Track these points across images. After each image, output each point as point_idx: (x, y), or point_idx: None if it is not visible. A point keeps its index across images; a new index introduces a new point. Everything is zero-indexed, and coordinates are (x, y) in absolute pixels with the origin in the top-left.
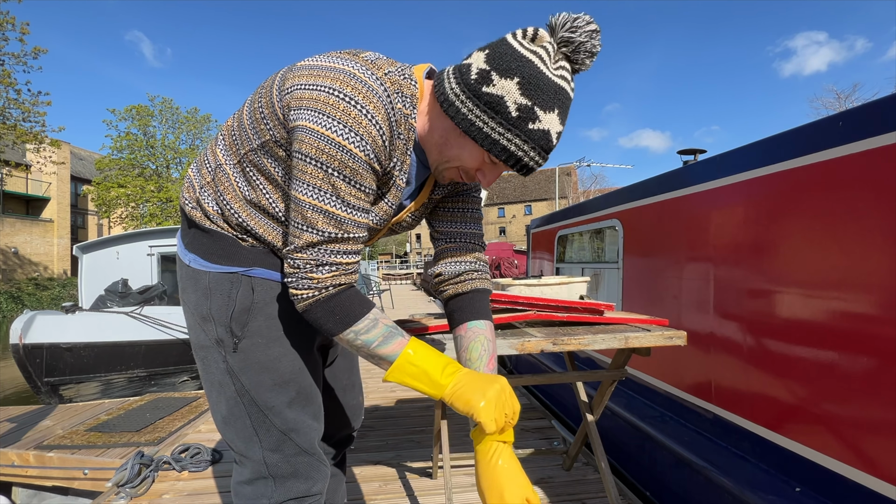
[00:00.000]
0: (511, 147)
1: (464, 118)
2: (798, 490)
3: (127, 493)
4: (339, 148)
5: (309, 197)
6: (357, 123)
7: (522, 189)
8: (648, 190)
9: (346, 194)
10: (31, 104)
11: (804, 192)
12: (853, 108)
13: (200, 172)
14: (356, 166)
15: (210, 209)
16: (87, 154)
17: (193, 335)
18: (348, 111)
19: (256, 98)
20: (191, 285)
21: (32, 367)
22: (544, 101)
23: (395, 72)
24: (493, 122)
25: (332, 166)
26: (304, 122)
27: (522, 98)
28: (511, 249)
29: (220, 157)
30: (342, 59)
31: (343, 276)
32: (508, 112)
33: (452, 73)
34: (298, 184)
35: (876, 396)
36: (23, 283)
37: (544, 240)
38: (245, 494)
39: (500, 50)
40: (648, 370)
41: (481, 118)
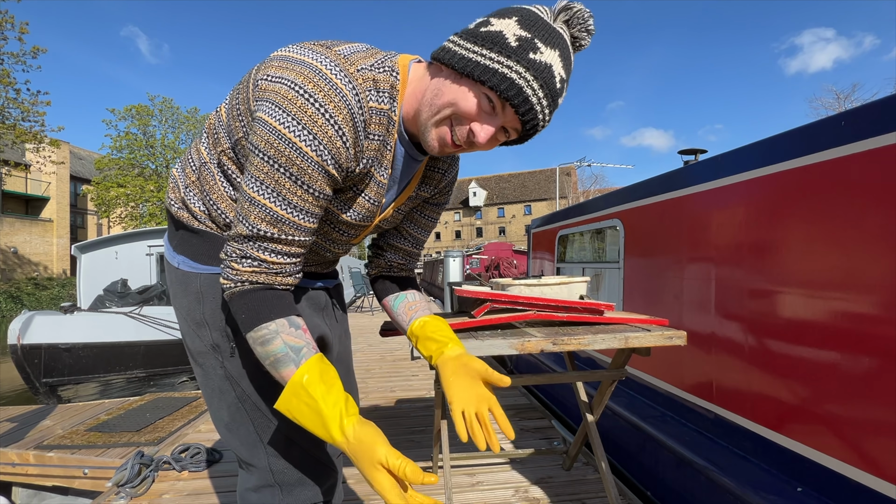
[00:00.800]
0: (511, 75)
1: (460, 57)
2: (800, 490)
3: (127, 493)
4: (289, 145)
5: (251, 189)
6: (313, 122)
7: (522, 189)
8: (649, 190)
9: (289, 193)
10: (31, 103)
11: (806, 192)
12: (855, 107)
13: (185, 171)
14: (305, 166)
15: (196, 209)
16: (86, 154)
17: (189, 341)
18: (305, 108)
19: (235, 94)
20: (181, 290)
21: (31, 368)
22: (545, 37)
23: (372, 65)
24: (492, 53)
25: (279, 162)
26: (261, 113)
27: (522, 31)
28: (510, 250)
29: (204, 155)
30: (312, 53)
31: (263, 275)
32: (507, 42)
33: (454, 35)
34: (247, 175)
35: (878, 396)
36: (22, 283)
37: (545, 240)
38: (252, 502)
39: (500, 10)
40: (649, 370)
41: (478, 52)
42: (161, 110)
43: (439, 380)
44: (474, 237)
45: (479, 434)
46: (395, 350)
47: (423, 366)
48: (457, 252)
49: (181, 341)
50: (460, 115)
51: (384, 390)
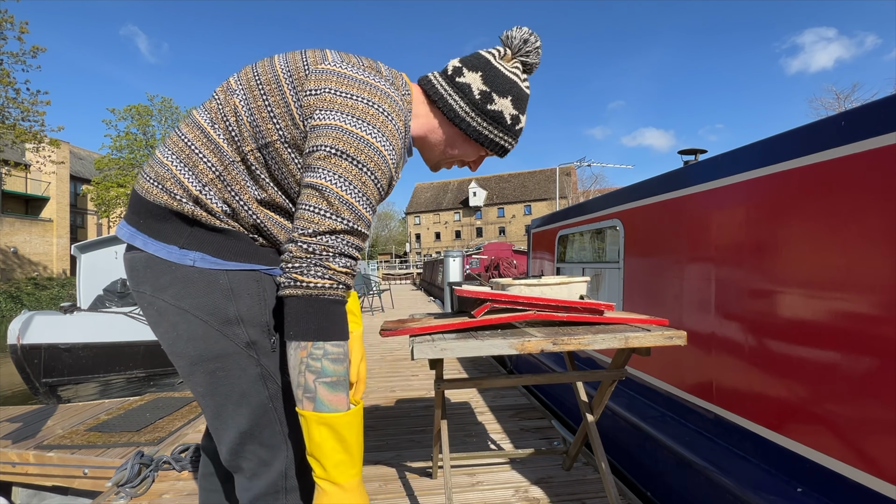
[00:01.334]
0: (506, 145)
1: (474, 129)
2: (800, 490)
3: (127, 493)
4: (376, 152)
5: (338, 187)
6: (392, 135)
7: (522, 189)
8: (649, 190)
9: (370, 192)
10: (31, 103)
11: (806, 192)
12: (855, 107)
13: (197, 168)
14: (386, 170)
15: (216, 207)
16: (86, 154)
17: (203, 345)
18: (386, 123)
19: (261, 94)
20: (200, 288)
21: (30, 368)
22: (524, 108)
23: (401, 87)
24: (496, 130)
25: (367, 166)
26: (340, 122)
27: (513, 110)
28: (510, 249)
29: (231, 154)
30: (369, 74)
31: (350, 278)
32: (506, 122)
33: (452, 89)
34: (326, 174)
35: (878, 396)
36: (22, 283)
37: (545, 240)
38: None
39: (493, 75)
40: (650, 370)
41: (487, 128)
42: (161, 110)
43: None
44: (474, 237)
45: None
46: (395, 350)
47: (422, 366)
48: (457, 252)
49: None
50: (465, 160)
51: (384, 390)
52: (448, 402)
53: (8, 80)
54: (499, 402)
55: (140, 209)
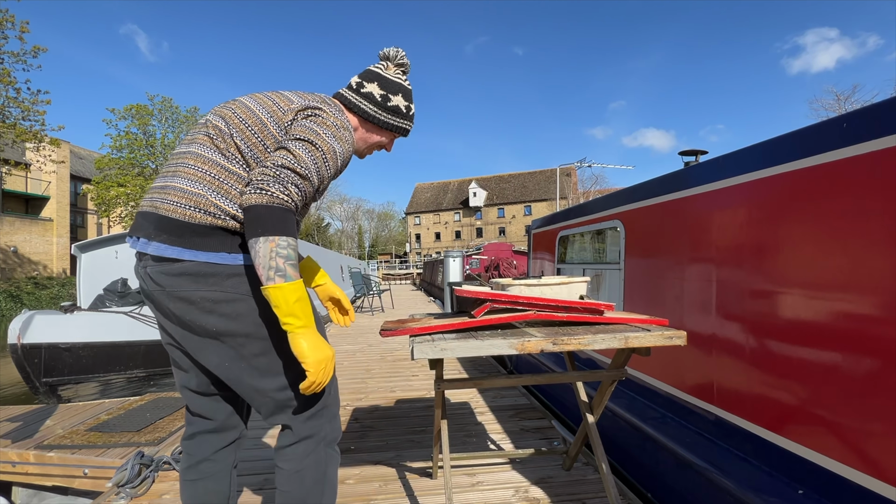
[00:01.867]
0: (407, 126)
1: (384, 121)
2: (801, 492)
3: (127, 493)
4: (330, 147)
5: (301, 151)
6: (344, 141)
7: (522, 190)
8: (650, 191)
9: (320, 167)
10: (31, 103)
11: (807, 194)
12: (857, 109)
13: (229, 194)
14: (332, 163)
15: (230, 211)
16: (86, 153)
17: (241, 325)
18: (343, 135)
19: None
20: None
21: (31, 368)
22: (411, 98)
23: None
24: (398, 119)
25: (323, 150)
26: (311, 125)
27: (405, 101)
28: (510, 250)
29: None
30: (340, 114)
31: (299, 202)
32: (402, 112)
33: (360, 98)
34: (293, 144)
35: (879, 398)
36: (22, 283)
37: (545, 240)
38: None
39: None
40: (650, 371)
41: (391, 119)
42: (161, 110)
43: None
44: (474, 237)
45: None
46: (395, 350)
47: (422, 366)
48: (457, 252)
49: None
50: (382, 145)
51: (384, 390)
52: (448, 402)
53: (9, 79)
54: (499, 402)
55: (176, 229)
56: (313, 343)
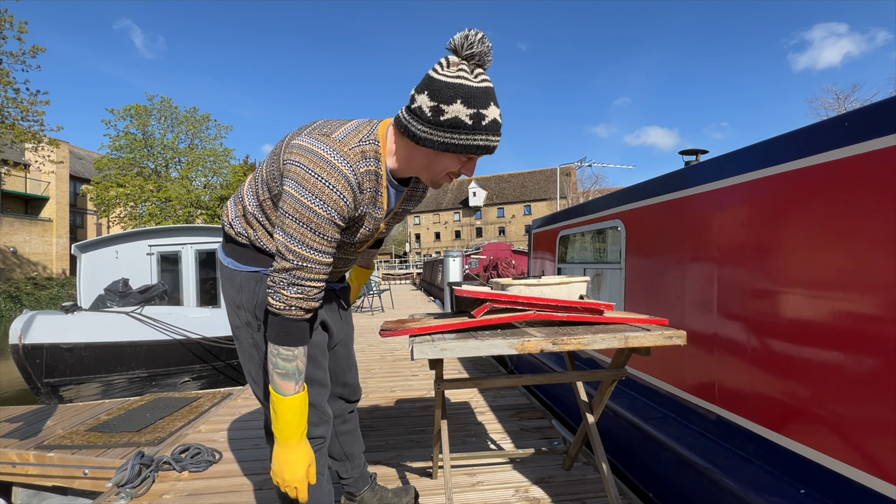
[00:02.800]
0: (479, 143)
1: (440, 143)
2: (803, 492)
3: (127, 494)
4: (309, 210)
5: (285, 239)
6: (322, 193)
7: (522, 189)
8: (651, 190)
9: (309, 239)
10: (30, 103)
11: (808, 193)
12: (858, 108)
13: (235, 206)
14: (320, 222)
15: (239, 231)
16: (86, 153)
17: (231, 319)
18: (316, 184)
19: (270, 162)
20: (229, 282)
21: (32, 368)
22: (483, 103)
23: (360, 141)
24: (459, 135)
25: (302, 222)
26: (287, 188)
27: (468, 109)
28: (509, 249)
29: (247, 200)
30: (318, 142)
31: (304, 302)
32: (465, 123)
33: (410, 117)
34: (280, 230)
35: (881, 397)
36: (21, 283)
37: (546, 240)
38: (268, 429)
39: (437, 87)
40: (651, 371)
41: (449, 136)
42: (160, 110)
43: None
44: (474, 237)
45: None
46: (395, 350)
47: (422, 366)
48: (457, 252)
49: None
50: (453, 172)
51: (384, 390)
52: (448, 402)
53: (7, 79)
54: (499, 402)
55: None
56: (284, 460)
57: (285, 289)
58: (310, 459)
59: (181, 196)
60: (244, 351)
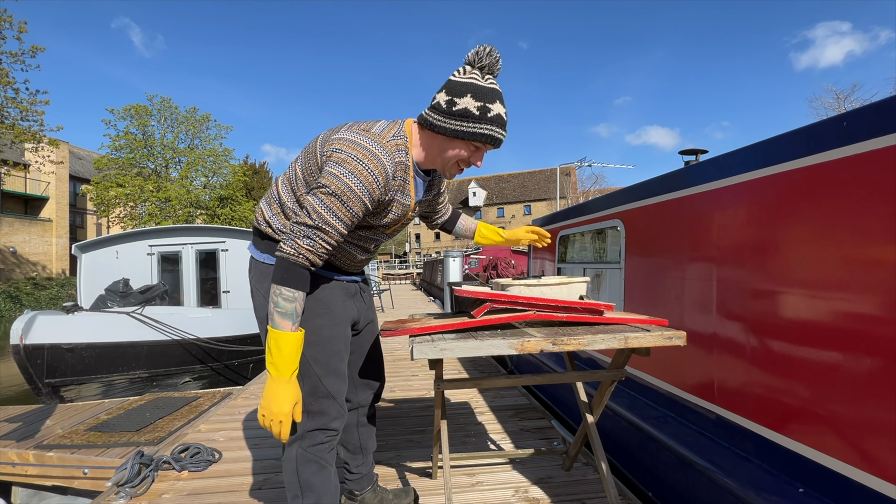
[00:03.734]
0: (484, 131)
1: (449, 129)
2: (801, 491)
3: (127, 493)
4: (346, 185)
5: (316, 202)
6: (361, 175)
7: (521, 189)
8: (651, 190)
9: (337, 210)
10: (30, 103)
11: (807, 192)
12: (858, 108)
13: (270, 206)
14: (352, 196)
15: (278, 228)
16: (85, 153)
17: (262, 312)
18: (358, 168)
19: (305, 160)
20: (265, 277)
21: (33, 368)
22: (489, 98)
23: (393, 136)
24: (468, 123)
25: (336, 193)
26: (328, 168)
27: (477, 102)
28: (508, 249)
29: (284, 197)
30: (361, 136)
31: (312, 255)
32: (473, 113)
33: (430, 111)
34: (312, 196)
35: (880, 397)
36: (21, 283)
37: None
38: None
39: (451, 86)
40: (651, 371)
41: (458, 124)
42: (160, 110)
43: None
44: None
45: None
46: (395, 350)
47: (422, 366)
48: (457, 252)
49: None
50: (462, 159)
51: (384, 390)
52: (448, 402)
53: (7, 79)
54: (499, 402)
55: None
56: (274, 394)
57: (299, 238)
58: (297, 398)
59: (181, 196)
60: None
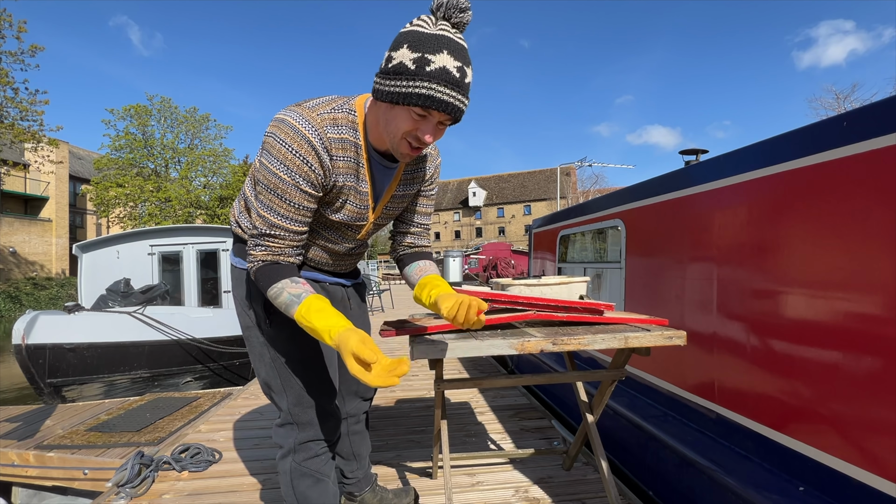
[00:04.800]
0: (421, 91)
1: (384, 93)
2: (802, 489)
3: (127, 493)
4: (273, 174)
5: (258, 205)
6: (285, 159)
7: (521, 189)
8: (651, 190)
9: (277, 207)
10: (29, 103)
11: (808, 192)
12: (858, 108)
13: (239, 202)
14: (285, 187)
15: (245, 227)
16: (85, 153)
17: (241, 319)
18: (280, 150)
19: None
20: (238, 282)
21: (35, 368)
22: (431, 48)
23: (331, 109)
24: (401, 82)
25: (269, 187)
26: (259, 157)
27: (413, 53)
28: (508, 249)
29: (247, 192)
30: (288, 112)
31: (270, 255)
32: (408, 68)
33: (376, 74)
34: (253, 198)
35: (880, 395)
36: (20, 283)
37: (546, 240)
38: (279, 434)
39: (395, 39)
40: (652, 370)
41: (393, 85)
42: (160, 110)
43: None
44: (474, 237)
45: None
46: (395, 350)
47: (423, 366)
48: (457, 252)
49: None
50: (406, 131)
51: (384, 390)
52: (448, 402)
53: (7, 79)
54: (499, 402)
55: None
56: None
57: (253, 249)
58: (360, 336)
59: (181, 196)
60: (255, 351)
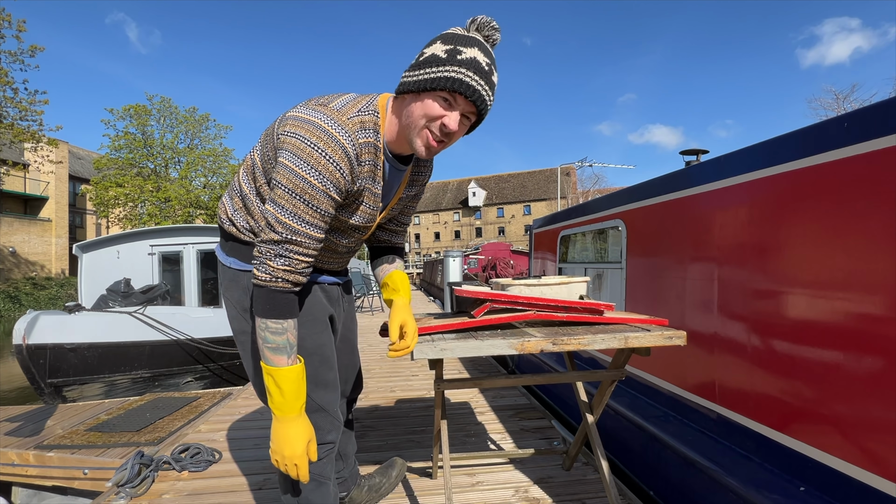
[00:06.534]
0: (450, 74)
1: (412, 83)
2: (803, 489)
3: (127, 493)
4: (303, 180)
5: (277, 210)
6: (318, 164)
7: (521, 189)
8: (652, 190)
9: (303, 213)
10: (29, 103)
11: (808, 193)
12: (859, 108)
13: (233, 200)
14: (314, 193)
15: (242, 226)
16: (85, 153)
17: (236, 324)
18: (312, 154)
19: (264, 143)
20: (234, 284)
21: (36, 369)
22: (464, 43)
23: (358, 111)
24: (431, 69)
25: (296, 193)
26: (282, 159)
27: (446, 46)
28: (508, 249)
29: (245, 189)
30: (315, 112)
31: (292, 275)
32: (439, 57)
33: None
34: (271, 202)
35: (881, 396)
36: (20, 283)
37: (547, 240)
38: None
39: (430, 41)
40: (652, 370)
41: (421, 73)
42: (159, 109)
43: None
44: (473, 237)
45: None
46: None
47: (422, 366)
48: (457, 252)
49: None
50: (431, 118)
51: (384, 390)
52: (448, 402)
53: (6, 79)
54: (499, 402)
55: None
56: (283, 436)
57: (272, 260)
58: (309, 435)
59: (181, 196)
60: (248, 356)
